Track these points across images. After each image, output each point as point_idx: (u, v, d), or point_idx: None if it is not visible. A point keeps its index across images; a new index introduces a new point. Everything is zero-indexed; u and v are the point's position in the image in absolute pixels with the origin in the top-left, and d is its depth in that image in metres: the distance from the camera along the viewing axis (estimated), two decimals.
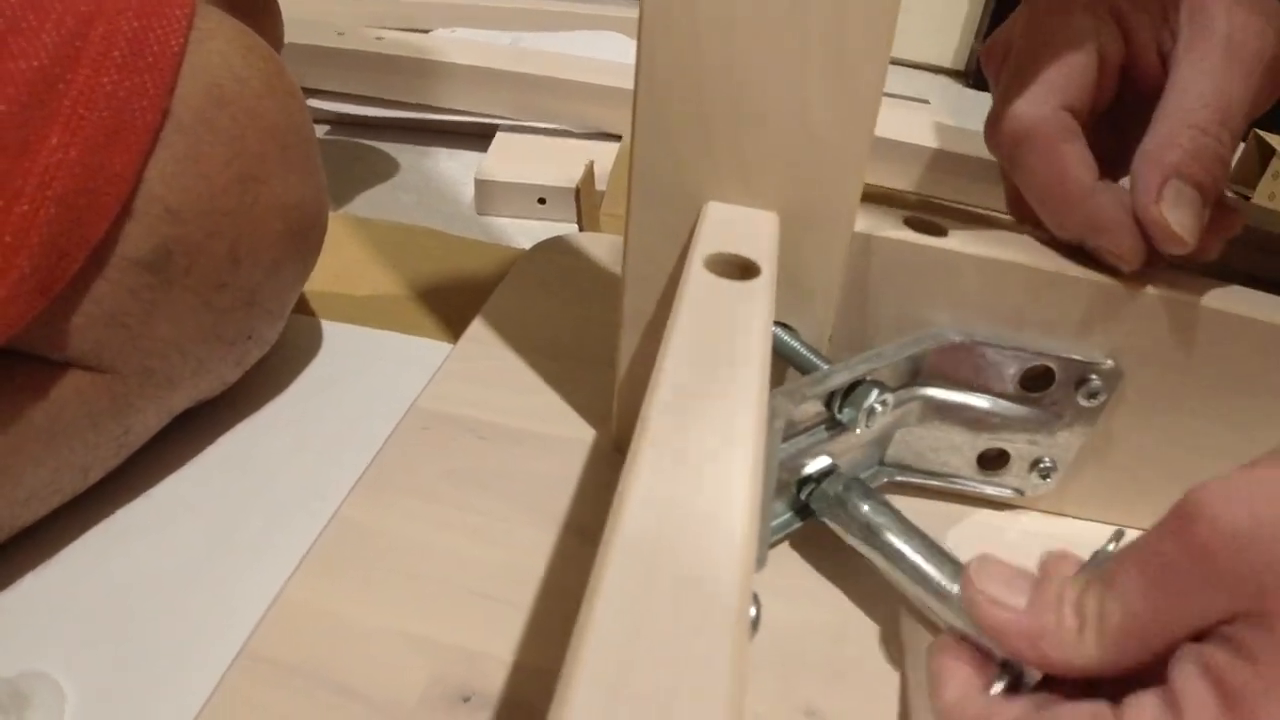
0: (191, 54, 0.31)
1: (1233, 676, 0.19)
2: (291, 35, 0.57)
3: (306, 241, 0.37)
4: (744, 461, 0.18)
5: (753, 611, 0.20)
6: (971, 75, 1.15)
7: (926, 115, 0.77)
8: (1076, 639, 0.22)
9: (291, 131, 0.35)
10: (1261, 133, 0.79)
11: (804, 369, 0.30)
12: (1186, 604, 0.21)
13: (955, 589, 0.26)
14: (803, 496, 0.30)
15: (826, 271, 0.31)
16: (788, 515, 0.31)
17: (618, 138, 0.69)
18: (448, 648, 0.28)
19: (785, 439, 0.29)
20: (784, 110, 0.28)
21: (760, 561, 0.22)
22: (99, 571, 0.31)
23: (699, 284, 0.24)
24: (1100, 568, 0.23)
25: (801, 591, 0.31)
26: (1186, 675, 0.20)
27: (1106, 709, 0.21)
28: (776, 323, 0.32)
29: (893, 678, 0.28)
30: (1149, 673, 0.23)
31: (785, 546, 0.32)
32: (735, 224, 0.29)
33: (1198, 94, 0.29)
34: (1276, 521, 0.19)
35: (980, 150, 0.63)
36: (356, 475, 0.34)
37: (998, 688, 0.24)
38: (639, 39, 0.27)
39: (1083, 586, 0.23)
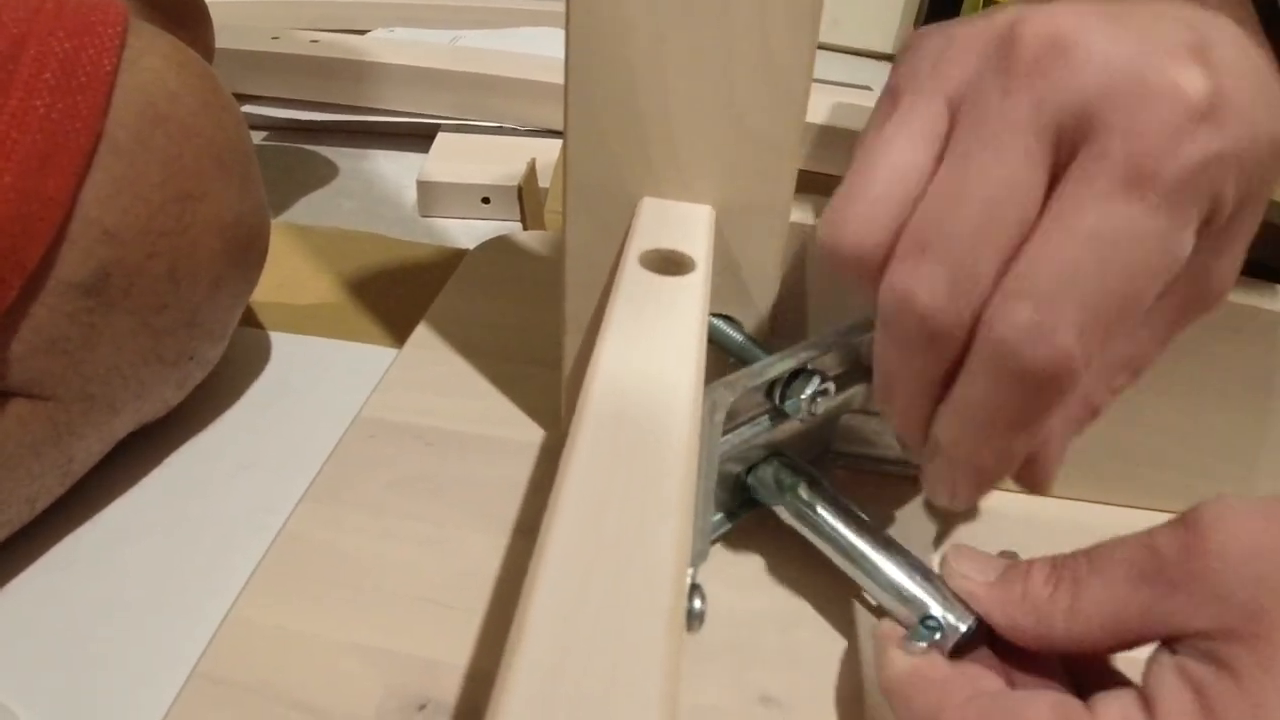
0: (125, 73, 0.30)
1: (1215, 690, 0.19)
2: (224, 41, 0.56)
3: (247, 258, 0.36)
4: (678, 457, 0.18)
5: (697, 604, 0.21)
6: None
7: (868, 101, 0.78)
8: (1047, 606, 0.23)
9: (228, 147, 0.34)
10: None
11: (744, 360, 0.30)
12: (1170, 606, 0.21)
13: (894, 572, 0.27)
14: (748, 485, 0.31)
15: (764, 262, 0.31)
16: (734, 505, 0.32)
17: (561, 134, 0.69)
18: (401, 657, 0.28)
19: (727, 430, 0.29)
20: (714, 104, 0.28)
21: (702, 554, 0.23)
22: (50, 599, 0.31)
23: (633, 281, 0.25)
24: (1078, 551, 0.23)
25: (752, 580, 0.31)
26: (1166, 682, 0.20)
27: (1071, 701, 0.21)
28: (718, 315, 0.32)
29: (846, 661, 0.29)
30: (1098, 676, 0.23)
31: (735, 536, 0.32)
32: (670, 219, 0.29)
33: None
34: None
35: None
36: (306, 488, 0.33)
37: (917, 645, 0.24)
38: (566, 38, 0.27)
39: (1057, 560, 0.23)
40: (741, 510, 0.32)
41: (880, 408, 0.26)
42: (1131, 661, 0.23)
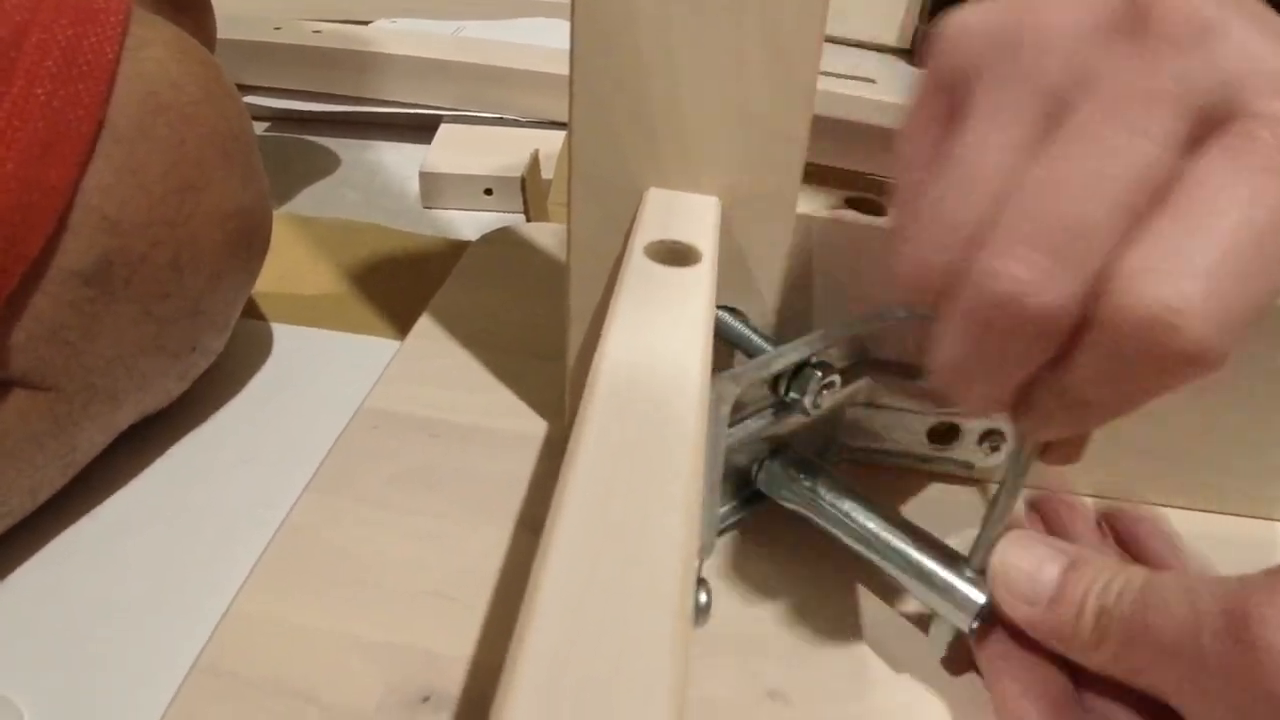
0: (127, 61, 0.30)
1: None
2: (226, 31, 0.55)
3: (250, 248, 0.36)
4: (685, 450, 0.18)
5: (703, 598, 0.21)
6: (916, 53, 1.15)
7: (871, 94, 0.77)
8: (1093, 649, 0.23)
9: (231, 137, 0.34)
10: None
11: (750, 353, 0.30)
12: (1218, 709, 0.20)
13: (918, 556, 0.27)
14: (754, 479, 0.31)
15: (770, 254, 0.31)
16: (739, 500, 0.31)
17: (564, 125, 0.69)
18: (405, 650, 0.27)
19: (733, 423, 0.29)
20: (722, 94, 0.28)
21: (708, 548, 0.22)
22: (52, 592, 0.31)
23: (639, 272, 0.24)
24: (1129, 589, 0.23)
25: (759, 574, 0.31)
26: None
27: None
28: (722, 307, 0.32)
29: (853, 655, 0.29)
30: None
31: (741, 530, 0.32)
32: (676, 210, 0.29)
33: None
34: None
35: None
36: (308, 481, 0.33)
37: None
38: (572, 28, 0.27)
39: (1113, 598, 0.23)
40: (747, 504, 0.32)
41: (950, 394, 0.23)
42: None
